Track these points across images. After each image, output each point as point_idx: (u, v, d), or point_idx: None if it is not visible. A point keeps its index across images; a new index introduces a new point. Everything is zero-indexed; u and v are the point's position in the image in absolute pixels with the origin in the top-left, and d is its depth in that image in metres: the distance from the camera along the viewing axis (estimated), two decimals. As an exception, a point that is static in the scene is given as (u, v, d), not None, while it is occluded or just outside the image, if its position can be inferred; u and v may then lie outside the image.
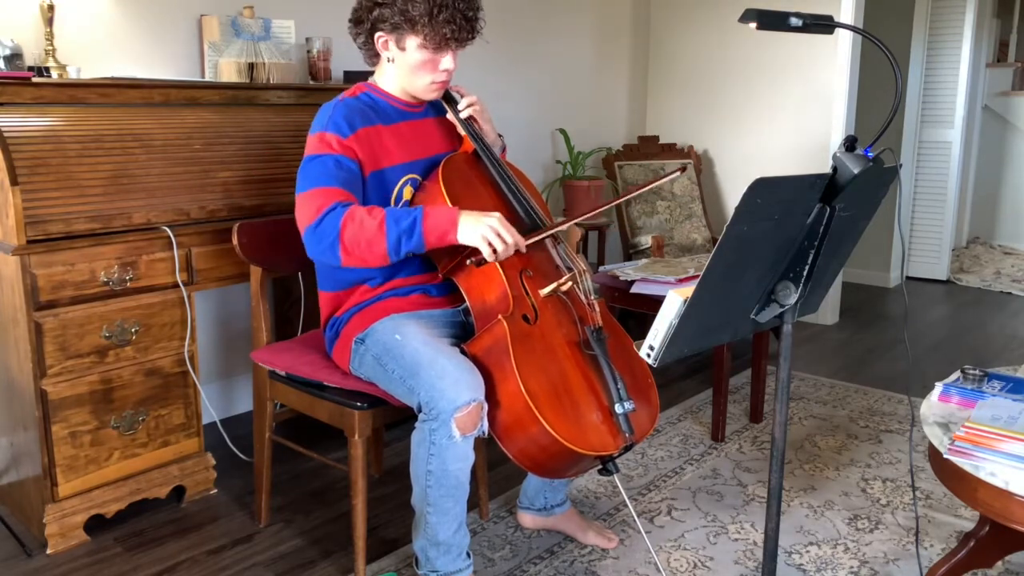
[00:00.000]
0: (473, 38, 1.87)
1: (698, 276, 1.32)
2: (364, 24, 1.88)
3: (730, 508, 2.35)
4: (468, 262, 1.79)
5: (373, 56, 1.93)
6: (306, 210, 1.75)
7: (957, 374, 1.88)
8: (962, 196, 5.92)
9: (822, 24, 1.46)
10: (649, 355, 1.35)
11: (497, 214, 1.74)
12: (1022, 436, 1.52)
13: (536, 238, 1.84)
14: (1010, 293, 5.04)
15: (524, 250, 1.80)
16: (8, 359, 2.11)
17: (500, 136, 2.11)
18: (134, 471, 2.21)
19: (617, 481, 2.05)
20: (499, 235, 1.72)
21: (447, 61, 1.85)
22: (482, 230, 1.71)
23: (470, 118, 2.00)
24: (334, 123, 1.82)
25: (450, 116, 2.01)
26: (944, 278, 5.31)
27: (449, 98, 2.00)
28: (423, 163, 1.95)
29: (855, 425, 2.96)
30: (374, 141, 1.86)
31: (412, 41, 1.82)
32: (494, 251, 1.72)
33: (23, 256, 1.94)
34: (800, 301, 1.45)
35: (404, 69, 1.87)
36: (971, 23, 4.97)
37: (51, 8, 2.25)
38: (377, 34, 1.86)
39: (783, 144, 4.29)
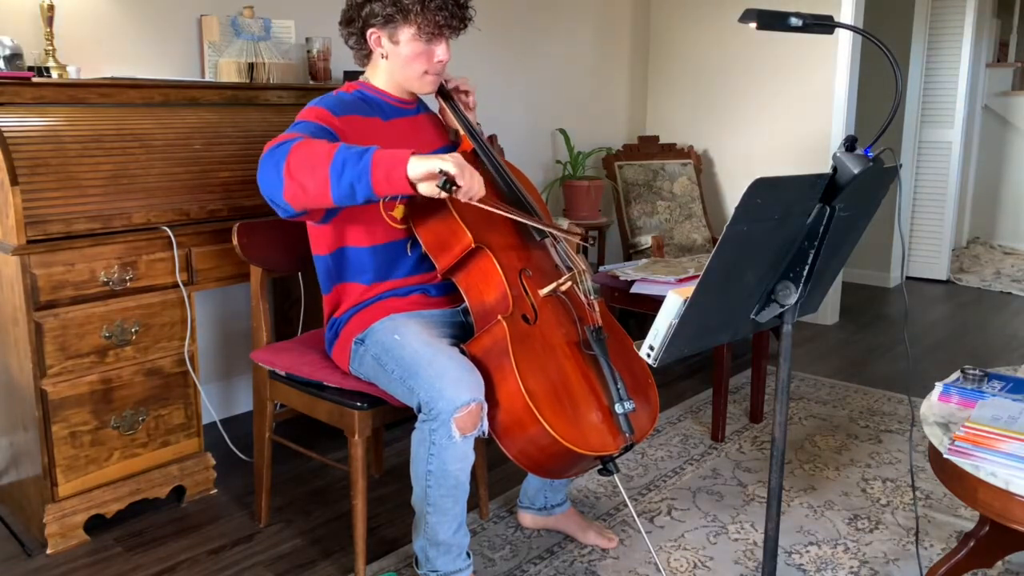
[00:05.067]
0: (465, 27, 1.89)
1: (698, 276, 1.32)
2: (356, 23, 1.88)
3: (730, 508, 2.35)
4: (437, 185, 1.56)
5: (365, 55, 1.94)
6: (271, 143, 1.69)
7: (957, 374, 1.88)
8: (962, 196, 5.92)
9: (822, 24, 1.46)
10: (649, 355, 1.35)
11: (455, 153, 1.62)
12: (1022, 436, 1.52)
13: (500, 211, 1.74)
14: (1010, 293, 5.04)
15: (483, 192, 1.65)
16: (8, 359, 2.11)
17: (479, 124, 2.12)
18: (134, 471, 2.21)
19: (617, 481, 2.05)
20: (458, 164, 1.57)
21: (441, 51, 1.86)
22: (437, 161, 1.55)
23: (455, 89, 2.02)
24: (326, 104, 1.84)
25: (437, 101, 2.02)
26: (944, 278, 5.31)
27: (440, 90, 2.01)
28: None
29: (855, 425, 2.96)
30: (369, 133, 1.86)
31: (405, 33, 1.83)
32: (455, 182, 1.55)
33: (23, 256, 1.94)
34: (800, 301, 1.45)
35: (398, 63, 1.88)
36: (971, 23, 4.97)
37: (51, 8, 2.25)
38: (369, 31, 1.87)
39: (783, 144, 4.29)
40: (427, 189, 1.58)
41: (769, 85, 4.29)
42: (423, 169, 1.55)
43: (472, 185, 1.60)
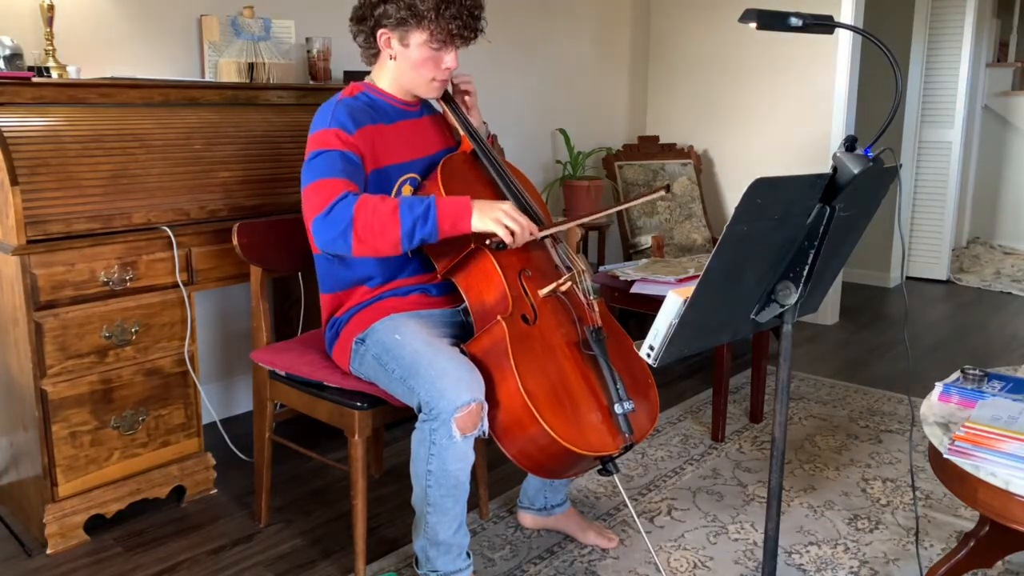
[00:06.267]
0: (476, 37, 1.89)
1: (698, 276, 1.32)
2: (367, 21, 1.88)
3: (730, 508, 2.35)
4: (487, 243, 1.77)
5: (373, 55, 1.94)
6: (314, 200, 1.73)
7: (957, 374, 1.88)
8: (962, 196, 5.92)
9: (822, 24, 1.46)
10: (649, 355, 1.35)
11: (507, 202, 1.75)
12: (1022, 436, 1.52)
13: (548, 232, 1.87)
14: (1010, 293, 5.04)
15: (537, 236, 1.81)
16: (8, 359, 2.11)
17: (485, 123, 2.12)
18: (134, 471, 2.21)
19: (617, 481, 2.05)
20: (513, 219, 1.72)
21: (450, 59, 1.87)
22: (496, 215, 1.72)
23: (456, 89, 2.02)
24: (338, 120, 1.82)
25: (439, 104, 2.02)
26: (944, 278, 5.31)
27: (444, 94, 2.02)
28: (422, 162, 1.96)
29: (855, 425, 2.96)
30: (376, 139, 1.87)
31: (417, 37, 1.83)
32: (512, 234, 1.72)
33: (23, 256, 1.94)
34: (800, 301, 1.45)
35: (406, 66, 1.88)
36: (971, 23, 4.97)
37: (51, 8, 2.25)
38: (380, 31, 1.87)
39: (783, 144, 4.29)
40: (482, 234, 1.76)
41: (769, 85, 4.29)
42: (482, 227, 1.73)
43: (521, 238, 1.76)
